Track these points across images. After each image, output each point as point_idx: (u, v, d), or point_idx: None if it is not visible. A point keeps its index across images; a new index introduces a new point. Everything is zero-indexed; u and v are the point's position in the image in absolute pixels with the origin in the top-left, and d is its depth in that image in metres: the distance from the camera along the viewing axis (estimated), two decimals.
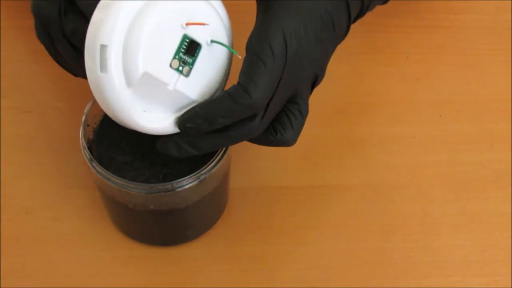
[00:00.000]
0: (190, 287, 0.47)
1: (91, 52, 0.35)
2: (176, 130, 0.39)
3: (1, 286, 0.47)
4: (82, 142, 0.41)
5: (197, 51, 0.37)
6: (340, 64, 0.53)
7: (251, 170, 0.52)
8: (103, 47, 0.35)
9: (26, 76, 0.55)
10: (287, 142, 0.40)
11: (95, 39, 0.35)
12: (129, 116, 0.37)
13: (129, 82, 0.36)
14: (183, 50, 0.37)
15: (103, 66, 0.35)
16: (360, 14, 0.44)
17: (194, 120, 0.37)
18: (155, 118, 0.38)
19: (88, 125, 0.43)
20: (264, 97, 0.37)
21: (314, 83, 0.41)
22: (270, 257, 0.49)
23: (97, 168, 0.40)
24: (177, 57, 0.37)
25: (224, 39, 0.39)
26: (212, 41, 0.38)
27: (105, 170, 0.40)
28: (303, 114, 0.40)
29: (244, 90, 0.36)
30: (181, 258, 0.48)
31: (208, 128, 0.37)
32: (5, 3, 0.59)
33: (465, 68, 0.59)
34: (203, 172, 0.41)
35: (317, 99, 0.44)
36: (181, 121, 0.38)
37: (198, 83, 0.38)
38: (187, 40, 0.37)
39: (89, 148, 0.42)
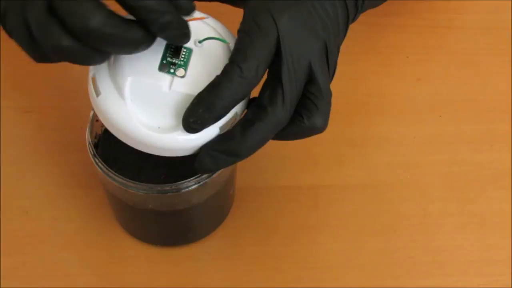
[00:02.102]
0: (190, 287, 0.47)
1: (89, 88, 0.38)
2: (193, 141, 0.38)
3: (1, 286, 0.47)
4: (87, 138, 0.41)
5: (186, 52, 0.38)
6: (340, 64, 0.53)
7: (250, 170, 0.52)
8: (93, 76, 0.37)
9: (26, 76, 0.55)
10: (317, 127, 0.39)
11: (88, 77, 0.38)
12: (137, 130, 0.37)
13: (121, 93, 0.36)
14: (170, 55, 0.37)
15: (97, 91, 0.37)
16: (358, 10, 0.44)
17: (194, 112, 0.36)
18: (169, 128, 0.37)
19: (97, 120, 0.43)
20: (254, 66, 0.36)
21: (328, 61, 0.40)
22: (271, 257, 0.49)
23: (99, 164, 0.41)
24: (164, 61, 0.37)
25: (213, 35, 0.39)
26: (200, 41, 0.38)
27: (107, 167, 0.40)
28: (324, 93, 0.38)
29: (233, 63, 0.36)
30: (182, 258, 0.48)
31: (212, 117, 0.36)
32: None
33: (465, 68, 0.59)
34: (203, 176, 0.41)
35: None
36: (184, 119, 0.37)
37: (199, 80, 0.37)
38: (173, 47, 0.37)
39: (96, 144, 0.42)
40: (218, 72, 0.37)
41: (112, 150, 0.44)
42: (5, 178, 0.51)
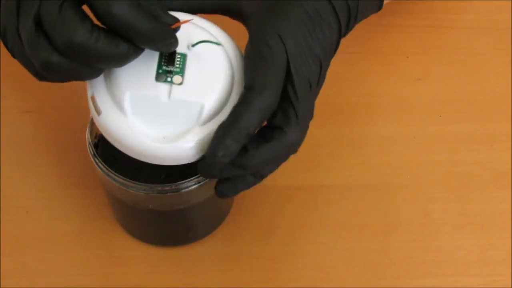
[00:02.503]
0: (190, 287, 0.47)
1: (90, 107, 0.38)
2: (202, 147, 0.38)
3: (1, 286, 0.47)
4: (87, 138, 0.41)
5: (181, 58, 0.38)
6: (340, 64, 0.53)
7: None
8: (92, 95, 0.37)
9: (26, 76, 0.55)
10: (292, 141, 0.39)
11: (88, 96, 0.38)
12: (142, 143, 0.37)
13: (122, 109, 0.37)
14: (164, 63, 0.37)
15: (98, 110, 0.37)
16: (350, 21, 0.44)
17: (222, 145, 0.36)
18: (174, 137, 0.37)
19: None
20: (274, 90, 0.36)
21: (318, 82, 0.40)
22: (271, 257, 0.49)
23: (99, 164, 0.41)
24: (160, 71, 0.37)
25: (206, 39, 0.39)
26: (193, 45, 0.38)
27: (107, 167, 0.40)
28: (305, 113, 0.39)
29: (254, 90, 0.36)
30: (181, 258, 0.48)
31: (239, 146, 0.36)
32: None
33: (465, 68, 0.59)
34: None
35: (318, 99, 0.44)
36: (211, 155, 0.36)
37: (198, 85, 0.37)
38: (166, 54, 0.37)
39: (96, 145, 0.42)
40: (215, 74, 0.38)
41: (112, 150, 0.44)
42: (5, 178, 0.51)
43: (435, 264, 0.49)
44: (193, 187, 0.40)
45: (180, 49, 0.37)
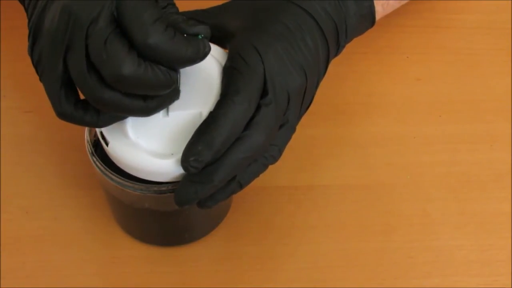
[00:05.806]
0: (190, 287, 0.47)
1: (101, 142, 0.39)
2: None
3: (1, 286, 0.47)
4: (86, 136, 0.41)
5: None
6: (340, 64, 0.53)
7: None
8: (100, 131, 0.39)
9: (26, 76, 0.55)
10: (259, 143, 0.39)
11: (97, 133, 0.40)
12: (152, 164, 0.37)
13: (126, 136, 0.38)
14: None
15: (106, 141, 0.39)
16: (339, 38, 0.44)
17: (193, 150, 0.36)
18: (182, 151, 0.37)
19: None
20: (247, 99, 0.37)
21: (303, 98, 0.41)
22: (270, 257, 0.49)
23: (97, 163, 0.41)
24: None
25: None
26: None
27: (104, 166, 0.40)
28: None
29: (227, 98, 0.37)
30: (181, 258, 0.48)
31: (212, 153, 0.36)
32: (5, 3, 0.59)
33: (465, 68, 0.59)
34: None
35: (318, 99, 0.44)
36: (183, 160, 0.36)
37: (194, 96, 0.38)
38: None
39: (95, 143, 0.42)
40: (209, 81, 0.38)
41: None
42: (5, 178, 0.51)
43: (435, 264, 0.49)
44: None
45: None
